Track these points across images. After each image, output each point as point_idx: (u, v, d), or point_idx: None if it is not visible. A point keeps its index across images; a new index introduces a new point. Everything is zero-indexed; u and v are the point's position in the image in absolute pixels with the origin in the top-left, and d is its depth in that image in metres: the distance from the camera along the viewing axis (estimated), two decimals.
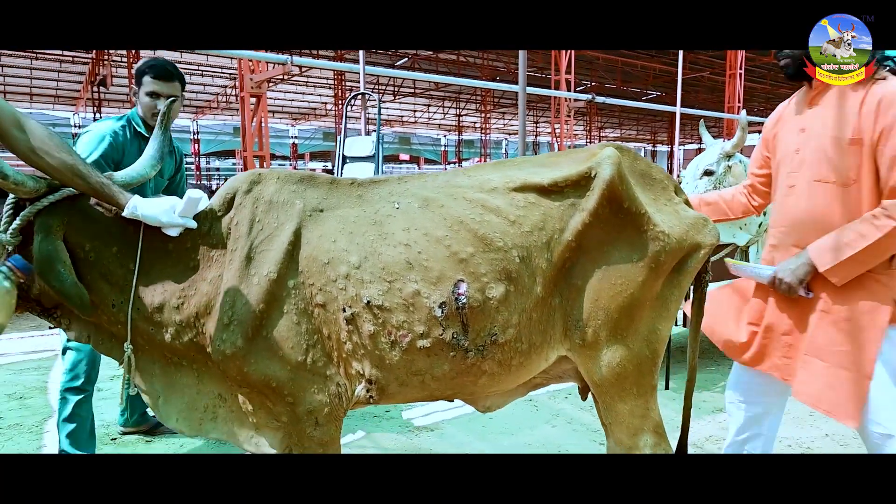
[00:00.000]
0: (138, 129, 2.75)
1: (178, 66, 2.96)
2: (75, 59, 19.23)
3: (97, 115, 21.94)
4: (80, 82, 21.28)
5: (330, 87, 24.99)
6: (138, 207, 1.60)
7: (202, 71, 21.95)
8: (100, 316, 1.68)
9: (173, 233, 1.63)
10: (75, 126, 25.26)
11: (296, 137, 30.98)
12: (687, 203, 1.86)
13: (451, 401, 1.84)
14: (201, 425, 1.73)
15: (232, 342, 1.59)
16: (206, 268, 1.66)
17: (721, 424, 3.43)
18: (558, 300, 1.72)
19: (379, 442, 3.21)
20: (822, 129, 1.88)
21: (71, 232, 1.61)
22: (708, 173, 3.44)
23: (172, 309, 1.64)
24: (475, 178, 1.77)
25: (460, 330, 1.62)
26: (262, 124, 10.02)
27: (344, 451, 3.10)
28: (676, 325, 5.87)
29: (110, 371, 3.93)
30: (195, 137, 28.51)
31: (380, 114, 6.30)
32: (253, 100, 10.15)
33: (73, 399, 2.69)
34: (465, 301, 1.60)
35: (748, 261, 3.78)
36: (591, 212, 1.68)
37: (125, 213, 1.61)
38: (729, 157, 3.47)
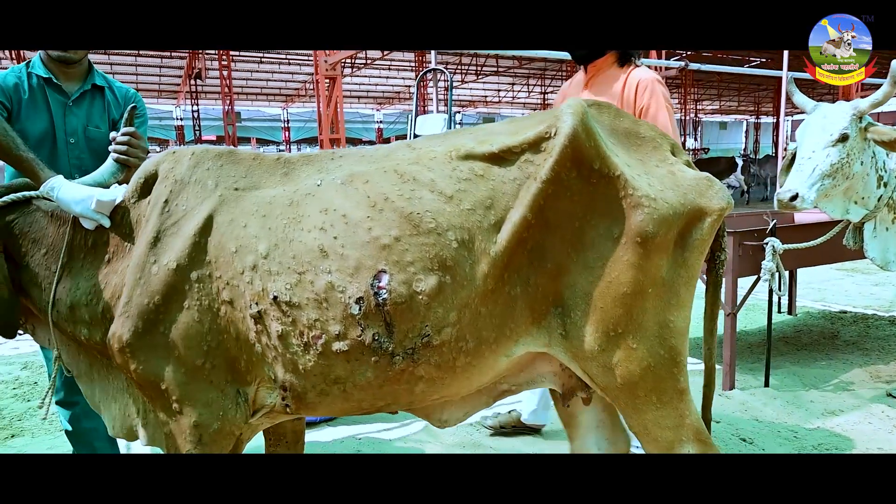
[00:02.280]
0: (38, 74, 2.20)
1: (266, 56, 2.68)
2: (174, 54, 20.28)
3: (195, 107, 23.15)
4: (180, 76, 22.49)
5: (412, 70, 25.00)
6: (55, 189, 1.55)
7: (289, 60, 22.56)
8: (38, 321, 1.67)
9: (88, 225, 1.56)
10: (177, 119, 26.94)
11: (381, 122, 31.39)
12: (689, 164, 1.55)
13: (394, 413, 1.58)
14: (136, 431, 1.64)
15: (119, 336, 1.46)
16: (117, 259, 1.56)
17: (835, 430, 2.96)
18: (520, 289, 1.43)
19: (439, 437, 3.01)
20: None
21: (10, 241, 1.61)
22: (844, 139, 2.82)
23: (83, 307, 1.56)
24: (420, 149, 1.51)
25: (383, 330, 1.37)
26: (338, 107, 10.01)
27: (401, 445, 2.99)
28: (780, 311, 5.26)
29: None
30: (286, 126, 29.56)
31: (452, 91, 6.07)
32: (328, 82, 10.14)
33: (67, 413, 2.38)
34: (386, 296, 1.35)
35: (863, 240, 3.20)
36: (548, 179, 1.39)
37: (40, 191, 1.58)
38: (860, 117, 2.84)
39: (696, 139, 31.00)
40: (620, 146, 1.50)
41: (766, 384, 3.54)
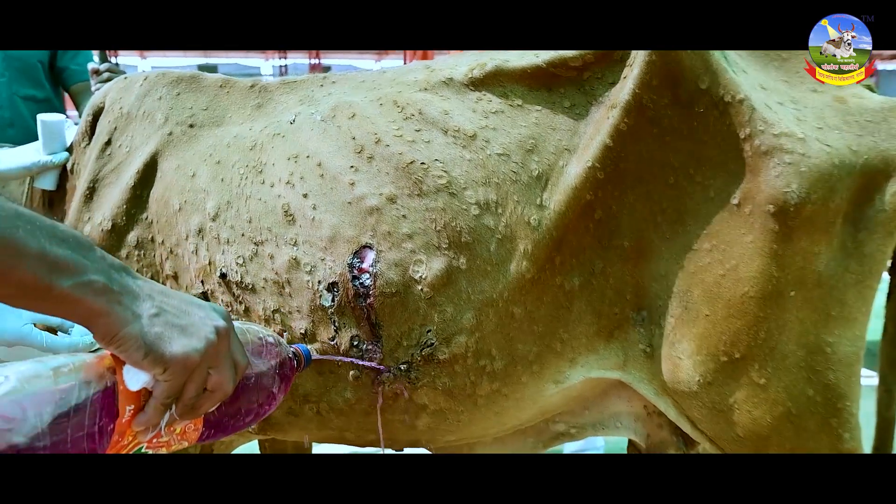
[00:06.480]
0: None
1: None
2: None
3: (284, 61, 23.60)
4: None
5: None
6: None
7: None
8: None
9: (49, 184, 1.27)
10: (267, 74, 27.62)
11: None
12: (871, 88, 1.06)
13: (399, 449, 1.21)
14: None
15: None
16: (67, 219, 1.33)
17: None
18: (579, 280, 1.00)
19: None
20: None
21: None
22: None
23: None
24: (435, 69, 1.10)
25: (366, 333, 1.01)
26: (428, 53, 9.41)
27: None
28: None
29: None
30: None
31: None
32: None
33: None
34: (369, 282, 0.98)
35: None
36: (627, 107, 0.94)
37: None
38: None
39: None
40: (750, 59, 1.05)
41: None
